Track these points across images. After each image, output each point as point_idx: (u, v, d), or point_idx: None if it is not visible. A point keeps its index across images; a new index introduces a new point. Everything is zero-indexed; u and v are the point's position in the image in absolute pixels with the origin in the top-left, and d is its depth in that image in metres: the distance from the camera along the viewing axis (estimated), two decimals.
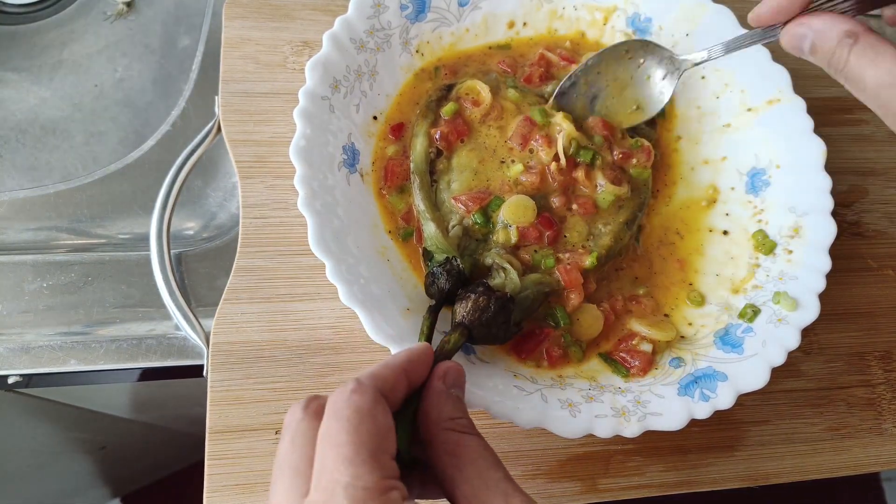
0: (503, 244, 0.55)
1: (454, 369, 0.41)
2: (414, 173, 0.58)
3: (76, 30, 0.80)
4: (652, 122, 0.66)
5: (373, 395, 0.34)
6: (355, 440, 0.31)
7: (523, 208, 0.56)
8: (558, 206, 0.58)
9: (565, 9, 0.68)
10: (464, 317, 0.49)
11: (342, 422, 0.32)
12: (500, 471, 0.36)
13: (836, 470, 0.60)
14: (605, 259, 0.58)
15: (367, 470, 0.31)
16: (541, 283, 0.54)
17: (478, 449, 0.36)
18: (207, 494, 0.51)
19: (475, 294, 0.50)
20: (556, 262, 0.55)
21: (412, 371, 0.39)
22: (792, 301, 0.54)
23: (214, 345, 0.55)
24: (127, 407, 0.85)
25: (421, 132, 0.60)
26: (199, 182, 0.72)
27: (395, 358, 0.39)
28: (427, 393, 0.39)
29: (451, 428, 0.37)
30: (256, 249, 0.59)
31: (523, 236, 0.56)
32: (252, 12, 0.68)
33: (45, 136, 0.75)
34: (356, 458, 0.31)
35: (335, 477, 0.31)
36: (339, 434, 0.32)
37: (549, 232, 0.56)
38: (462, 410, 0.39)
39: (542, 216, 0.57)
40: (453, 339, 0.46)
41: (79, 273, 0.62)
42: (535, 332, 0.54)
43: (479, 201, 0.56)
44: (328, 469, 0.31)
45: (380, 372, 0.37)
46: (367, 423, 0.32)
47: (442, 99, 0.62)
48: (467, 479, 0.35)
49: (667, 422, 0.49)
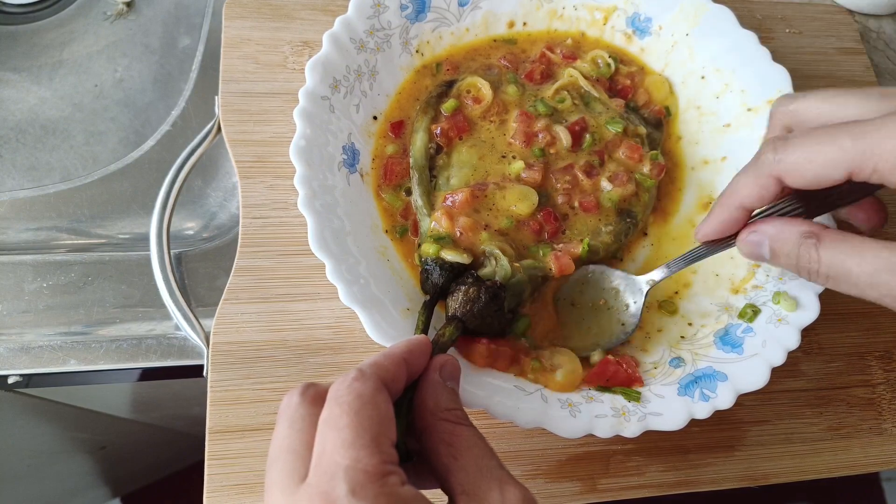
0: (502, 230, 0.55)
1: (450, 362, 0.42)
2: (413, 168, 0.58)
3: (76, 30, 0.80)
4: (659, 124, 0.66)
5: (374, 383, 0.34)
6: (356, 424, 0.32)
7: (525, 196, 0.56)
8: (562, 203, 0.58)
9: (565, 8, 0.68)
10: (456, 309, 0.49)
11: (343, 406, 0.33)
12: (494, 459, 0.36)
13: (835, 470, 0.60)
14: (600, 254, 0.58)
15: (368, 454, 0.31)
16: (534, 268, 0.54)
17: (473, 438, 0.37)
18: (207, 494, 0.51)
19: (465, 286, 0.50)
20: (550, 251, 0.55)
21: (412, 362, 0.39)
22: (792, 301, 0.54)
23: (214, 345, 0.55)
24: (127, 407, 0.85)
25: (421, 128, 0.60)
26: (199, 182, 0.72)
27: (396, 348, 0.39)
28: (424, 384, 0.40)
29: (447, 419, 0.38)
30: (256, 249, 0.59)
31: (523, 228, 0.56)
32: (252, 12, 0.68)
33: (45, 136, 0.75)
34: (357, 442, 0.31)
35: (335, 459, 0.31)
36: (340, 418, 0.32)
37: (551, 225, 0.56)
38: (457, 402, 0.40)
39: (545, 210, 0.57)
40: (448, 332, 0.47)
41: (79, 273, 0.62)
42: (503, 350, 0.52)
43: (475, 197, 0.56)
44: (328, 452, 0.31)
45: (381, 361, 0.37)
46: (368, 409, 0.33)
47: (442, 95, 0.62)
48: (463, 468, 0.35)
49: (667, 422, 0.49)
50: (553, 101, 0.62)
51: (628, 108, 0.65)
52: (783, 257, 0.44)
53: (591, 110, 0.63)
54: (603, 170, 0.60)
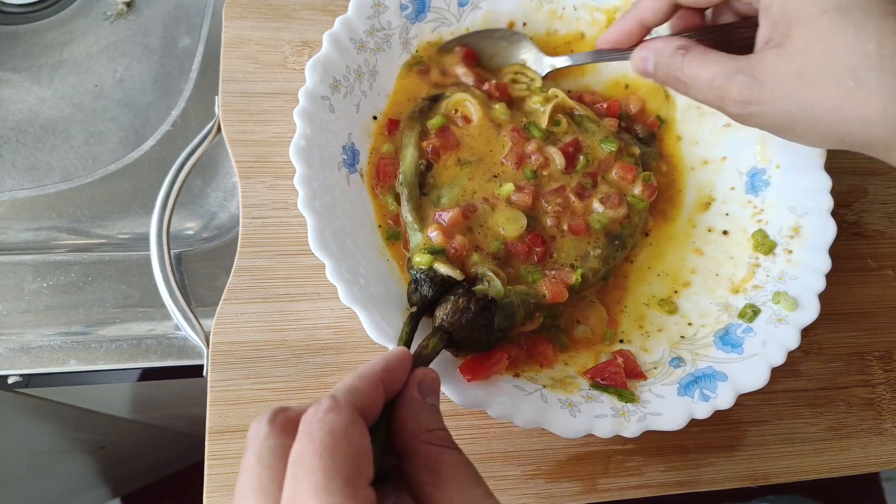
0: (492, 253, 0.54)
1: (430, 376, 0.39)
2: (402, 185, 0.57)
3: (76, 30, 0.80)
4: (652, 138, 0.66)
5: (348, 414, 0.32)
6: (330, 466, 0.29)
7: (513, 219, 0.55)
8: (550, 225, 0.57)
9: (565, 9, 0.68)
10: (443, 319, 0.47)
11: (315, 444, 0.30)
12: (480, 487, 0.34)
13: (835, 470, 0.60)
14: (591, 281, 0.57)
15: (342, 498, 0.29)
16: (526, 294, 0.52)
17: (458, 465, 0.35)
18: (207, 494, 0.51)
19: (454, 296, 0.48)
20: (542, 277, 0.54)
21: (389, 380, 0.37)
22: (792, 301, 0.54)
23: (214, 345, 0.55)
24: (127, 407, 0.86)
25: (410, 143, 0.59)
26: (199, 182, 0.72)
27: (372, 368, 0.36)
28: (403, 402, 0.37)
29: (429, 441, 0.35)
30: (256, 249, 0.59)
31: (511, 251, 0.55)
32: (252, 12, 0.68)
33: (45, 136, 0.75)
34: (330, 486, 0.29)
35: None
36: (312, 458, 0.30)
37: (538, 248, 0.55)
38: (439, 421, 0.37)
39: (533, 233, 0.56)
40: (432, 343, 0.44)
41: (79, 273, 0.62)
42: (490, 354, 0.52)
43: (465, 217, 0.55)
44: (300, 497, 0.29)
45: (356, 385, 0.34)
46: (342, 447, 0.30)
47: (426, 110, 0.61)
48: (446, 498, 0.33)
49: (667, 422, 0.49)
50: (549, 128, 0.61)
51: (620, 126, 0.64)
52: (661, 69, 0.50)
53: (584, 130, 0.62)
54: (595, 191, 0.59)
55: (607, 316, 0.58)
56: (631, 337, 0.57)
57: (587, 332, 0.57)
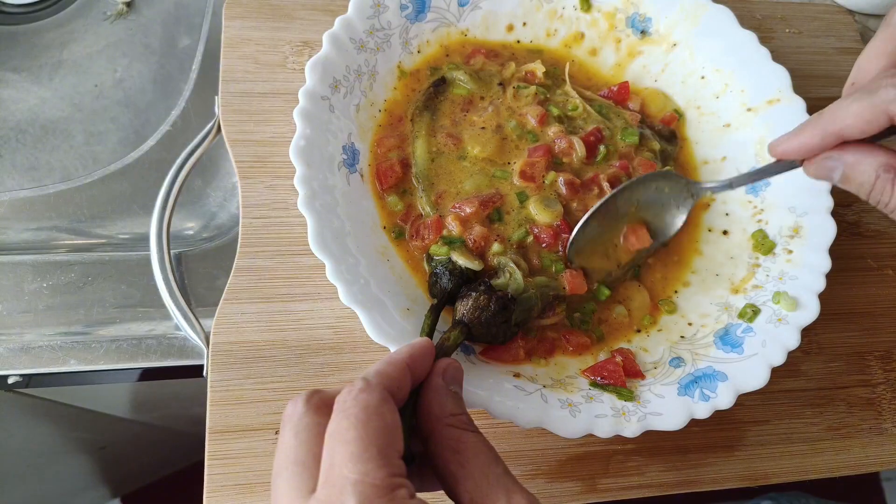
0: (516, 242, 0.55)
1: (453, 366, 0.42)
2: (416, 177, 0.58)
3: (76, 30, 0.80)
4: (672, 136, 0.66)
5: (380, 394, 0.34)
6: (364, 437, 0.32)
7: (549, 205, 0.56)
8: (577, 210, 0.58)
9: (565, 9, 0.68)
10: (464, 315, 0.50)
11: (350, 419, 0.33)
12: (500, 466, 0.36)
13: (835, 470, 0.60)
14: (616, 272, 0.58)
15: (376, 466, 0.31)
16: (546, 286, 0.54)
17: (479, 445, 0.37)
18: (207, 494, 0.51)
19: (476, 293, 0.50)
20: (564, 268, 0.55)
21: (416, 367, 0.39)
22: (792, 301, 0.54)
23: (214, 345, 0.55)
24: (127, 407, 0.86)
25: (420, 134, 0.59)
26: (199, 182, 0.72)
27: (399, 354, 0.39)
28: (428, 389, 0.40)
29: (453, 424, 0.38)
30: (256, 249, 0.59)
31: (537, 238, 0.56)
32: (252, 12, 0.68)
33: (45, 136, 0.75)
34: (364, 455, 0.31)
35: (344, 473, 0.31)
36: (347, 431, 0.32)
37: (565, 235, 0.56)
38: (462, 407, 0.40)
39: (563, 220, 0.57)
40: (453, 336, 0.47)
41: (79, 273, 0.62)
42: (547, 336, 0.55)
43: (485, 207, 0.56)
44: (337, 465, 0.31)
45: (386, 369, 0.37)
46: (375, 421, 0.33)
47: (434, 96, 0.61)
48: (470, 476, 0.35)
49: (667, 422, 0.49)
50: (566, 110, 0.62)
51: (642, 122, 0.65)
52: (855, 185, 0.43)
53: (606, 118, 0.63)
54: None
55: (650, 301, 0.58)
56: (631, 336, 0.57)
57: (624, 316, 0.57)
